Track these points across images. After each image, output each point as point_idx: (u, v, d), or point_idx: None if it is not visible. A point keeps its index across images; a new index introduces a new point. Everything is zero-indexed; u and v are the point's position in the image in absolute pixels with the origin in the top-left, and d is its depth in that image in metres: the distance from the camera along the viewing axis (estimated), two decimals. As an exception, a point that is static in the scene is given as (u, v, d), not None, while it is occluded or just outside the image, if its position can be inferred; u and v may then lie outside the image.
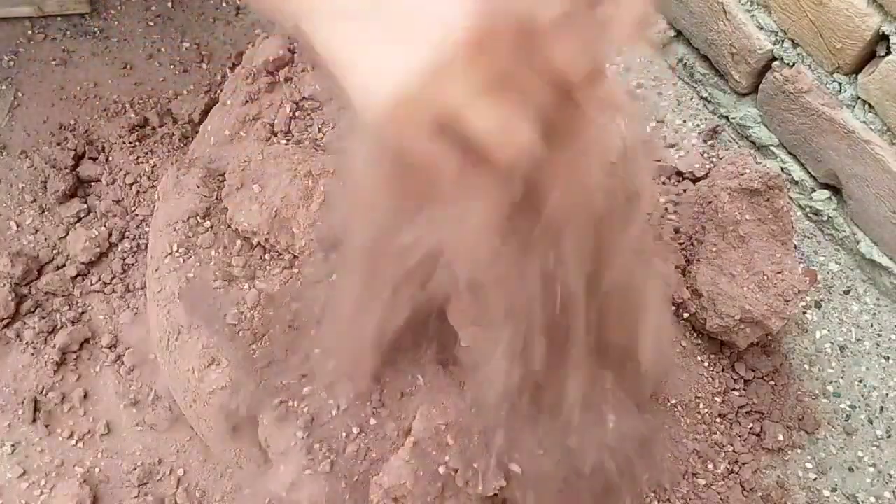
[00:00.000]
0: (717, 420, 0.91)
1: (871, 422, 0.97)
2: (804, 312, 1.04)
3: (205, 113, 1.01)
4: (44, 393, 0.87)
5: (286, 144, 0.81)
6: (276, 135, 0.83)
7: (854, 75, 0.97)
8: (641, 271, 0.65)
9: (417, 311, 0.67)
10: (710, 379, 0.93)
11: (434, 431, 0.70)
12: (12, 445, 0.85)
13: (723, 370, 0.94)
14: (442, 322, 0.67)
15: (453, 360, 0.73)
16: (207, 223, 0.78)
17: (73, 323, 0.90)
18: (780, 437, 0.91)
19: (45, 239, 0.94)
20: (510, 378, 0.63)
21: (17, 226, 0.95)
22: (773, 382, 0.95)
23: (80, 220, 0.95)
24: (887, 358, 1.02)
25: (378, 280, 0.61)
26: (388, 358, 0.73)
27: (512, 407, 0.70)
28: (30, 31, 1.08)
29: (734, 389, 0.93)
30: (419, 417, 0.70)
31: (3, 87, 1.04)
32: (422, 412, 0.71)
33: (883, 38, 0.91)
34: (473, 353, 0.64)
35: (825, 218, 1.09)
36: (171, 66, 1.09)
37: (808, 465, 0.93)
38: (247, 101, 0.84)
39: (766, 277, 0.88)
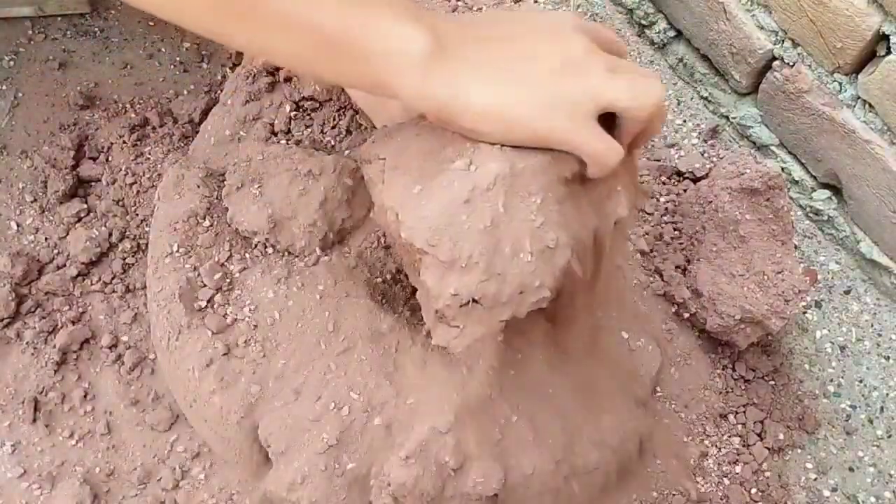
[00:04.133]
0: (718, 420, 0.91)
1: (871, 422, 0.97)
2: (804, 312, 1.04)
3: (205, 113, 1.00)
4: (44, 393, 0.87)
5: (286, 144, 0.81)
6: (276, 135, 0.83)
7: (854, 75, 0.97)
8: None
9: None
10: (710, 379, 0.93)
11: (434, 431, 0.70)
12: (12, 445, 0.84)
13: (723, 370, 0.94)
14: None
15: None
16: (207, 223, 0.78)
17: (73, 323, 0.90)
18: (781, 437, 0.91)
19: (46, 239, 0.94)
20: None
21: (18, 226, 0.95)
22: (773, 382, 0.95)
23: (80, 220, 0.95)
24: (887, 358, 1.02)
25: None
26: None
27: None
28: (30, 31, 1.08)
29: (734, 389, 0.93)
30: (420, 417, 0.71)
31: (3, 87, 1.04)
32: (422, 412, 0.71)
33: (883, 37, 0.91)
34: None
35: (825, 218, 1.09)
36: (171, 66, 1.09)
37: (808, 465, 0.93)
38: (247, 101, 0.84)
39: (766, 277, 0.88)
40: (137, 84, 1.06)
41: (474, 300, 0.57)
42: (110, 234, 0.94)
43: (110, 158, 0.99)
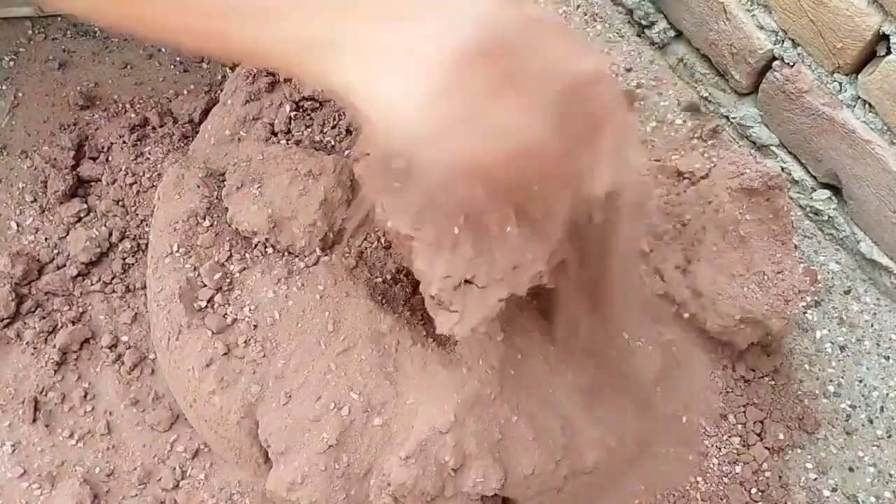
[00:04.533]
0: (718, 420, 0.91)
1: (871, 421, 0.97)
2: (804, 312, 1.04)
3: (205, 113, 1.01)
4: (44, 393, 0.87)
5: (286, 144, 0.81)
6: (275, 135, 0.83)
7: (854, 75, 0.97)
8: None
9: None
10: (710, 379, 0.93)
11: (434, 431, 0.70)
12: (12, 445, 0.85)
13: (723, 370, 0.94)
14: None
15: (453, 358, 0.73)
16: (207, 223, 0.78)
17: (73, 323, 0.90)
18: (781, 437, 0.91)
19: (46, 239, 0.94)
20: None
21: (18, 226, 0.95)
22: (773, 382, 0.95)
23: (80, 220, 0.95)
24: (887, 358, 1.02)
25: None
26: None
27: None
28: (30, 31, 1.08)
29: (734, 389, 0.93)
30: (420, 417, 0.71)
31: (4, 87, 1.04)
32: (422, 412, 0.71)
33: (883, 37, 0.91)
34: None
35: (825, 218, 1.09)
36: (171, 66, 1.09)
37: (809, 465, 0.93)
38: (247, 101, 0.84)
39: (766, 277, 0.88)
40: (137, 84, 1.06)
41: (467, 281, 0.57)
42: (110, 234, 0.94)
43: (110, 158, 0.99)
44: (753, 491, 0.88)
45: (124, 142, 0.99)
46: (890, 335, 1.04)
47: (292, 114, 0.83)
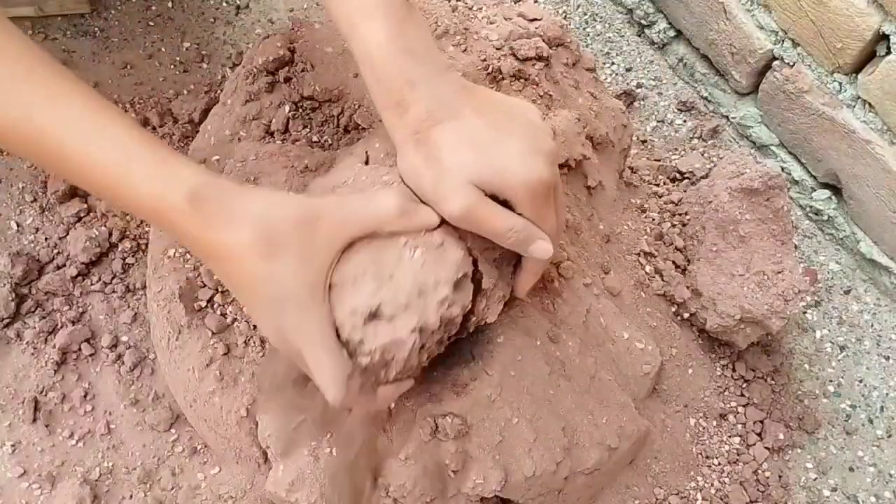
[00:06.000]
0: (718, 420, 0.91)
1: (871, 421, 0.97)
2: (804, 312, 1.04)
3: (205, 113, 1.00)
4: (44, 393, 0.87)
5: (283, 143, 0.81)
6: (272, 134, 0.83)
7: (854, 75, 0.97)
8: None
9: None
10: (710, 379, 0.93)
11: (434, 431, 0.70)
12: (12, 445, 0.85)
13: (723, 370, 0.94)
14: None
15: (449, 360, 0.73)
16: (207, 223, 0.78)
17: (73, 323, 0.90)
18: (781, 437, 0.91)
19: (46, 239, 0.94)
20: None
21: (18, 226, 0.95)
22: (773, 382, 0.95)
23: (80, 219, 0.95)
24: (887, 358, 1.02)
25: None
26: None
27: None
28: (30, 31, 1.08)
29: (734, 389, 0.93)
30: (419, 417, 0.70)
31: (3, 87, 1.04)
32: (421, 412, 0.71)
33: (883, 37, 0.91)
34: None
35: (825, 218, 1.09)
36: (171, 66, 1.09)
37: (809, 465, 0.93)
38: (247, 101, 0.84)
39: (766, 277, 0.88)
40: (137, 84, 1.06)
41: (373, 314, 0.57)
42: (110, 234, 0.94)
43: (110, 158, 0.99)
44: (753, 491, 0.88)
45: (124, 142, 0.99)
46: (890, 335, 1.04)
47: (291, 114, 0.83)
